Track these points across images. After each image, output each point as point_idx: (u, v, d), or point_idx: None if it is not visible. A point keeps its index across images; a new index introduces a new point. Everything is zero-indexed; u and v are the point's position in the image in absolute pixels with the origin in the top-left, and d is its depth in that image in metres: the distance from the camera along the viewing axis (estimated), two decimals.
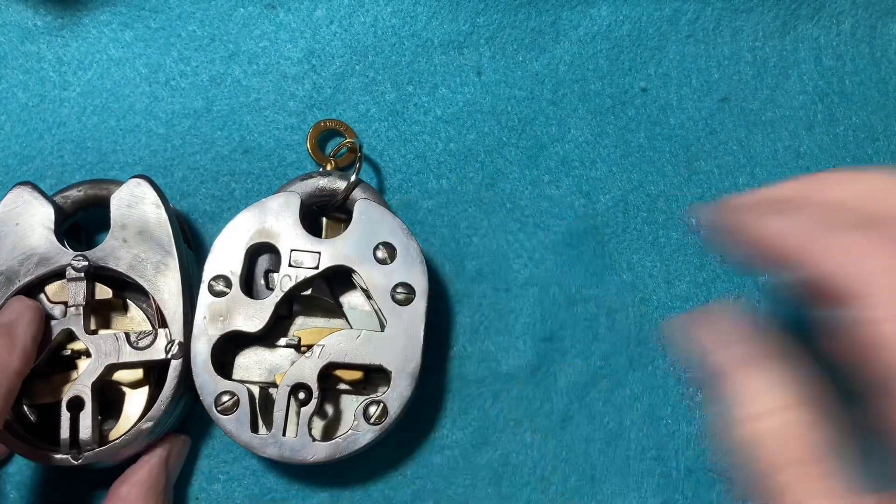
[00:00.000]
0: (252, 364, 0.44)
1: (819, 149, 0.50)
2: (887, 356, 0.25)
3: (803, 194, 0.31)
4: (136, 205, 0.43)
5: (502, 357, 0.47)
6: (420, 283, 0.43)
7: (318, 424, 0.44)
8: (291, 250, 0.43)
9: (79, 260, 0.42)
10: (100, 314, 0.44)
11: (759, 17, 0.51)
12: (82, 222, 0.46)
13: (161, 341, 0.42)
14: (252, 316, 0.43)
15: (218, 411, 0.42)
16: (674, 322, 0.47)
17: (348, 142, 0.47)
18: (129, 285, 0.44)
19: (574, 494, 0.46)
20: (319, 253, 0.43)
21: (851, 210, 0.29)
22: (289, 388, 0.42)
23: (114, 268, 0.43)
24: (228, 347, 0.44)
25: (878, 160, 0.50)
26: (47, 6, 0.49)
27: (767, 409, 0.28)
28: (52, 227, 0.43)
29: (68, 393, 0.41)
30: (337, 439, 0.42)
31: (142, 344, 0.42)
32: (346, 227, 0.44)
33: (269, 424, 0.43)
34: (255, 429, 0.42)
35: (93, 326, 0.43)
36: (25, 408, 0.43)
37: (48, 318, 0.43)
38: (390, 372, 0.42)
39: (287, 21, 0.49)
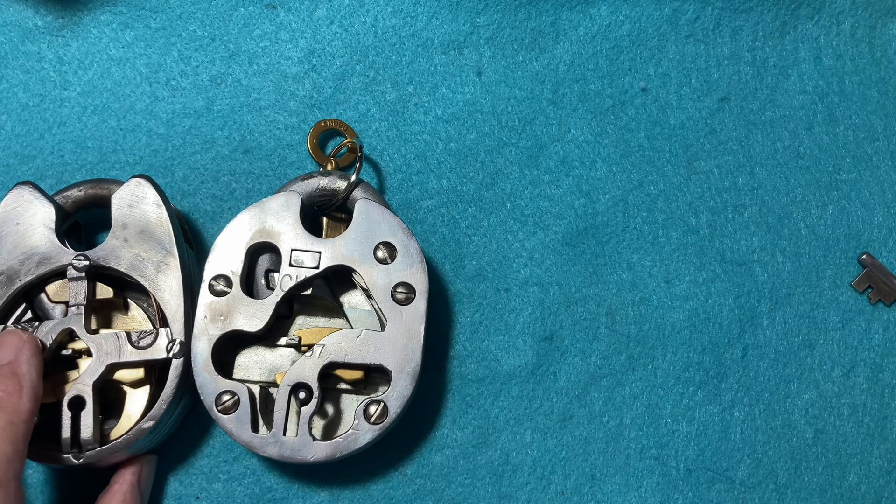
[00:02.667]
0: (252, 363, 0.44)
1: (819, 148, 0.50)
2: None
3: None
4: (137, 204, 0.43)
5: (502, 357, 0.47)
6: (420, 283, 0.43)
7: (319, 424, 0.44)
8: (292, 250, 0.43)
9: (80, 259, 0.42)
10: (101, 313, 0.44)
11: (759, 16, 0.51)
12: (83, 222, 0.46)
13: (162, 340, 0.42)
14: (253, 315, 0.43)
15: (218, 411, 0.42)
16: None
17: (349, 141, 0.47)
18: (130, 285, 0.44)
19: (574, 494, 0.46)
20: (320, 252, 0.43)
21: None
22: (289, 388, 0.42)
23: (115, 267, 0.43)
24: (229, 347, 0.44)
25: (878, 160, 0.50)
26: (48, 6, 0.49)
27: None
28: (53, 226, 0.43)
29: (69, 392, 0.41)
30: (337, 439, 0.42)
31: (143, 343, 0.42)
32: (347, 227, 0.44)
33: (269, 424, 0.43)
34: (255, 428, 0.42)
35: (94, 326, 0.43)
36: None
37: (46, 318, 0.43)
38: (390, 371, 0.42)
39: (287, 21, 0.50)
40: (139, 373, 0.43)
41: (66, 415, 0.41)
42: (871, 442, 0.48)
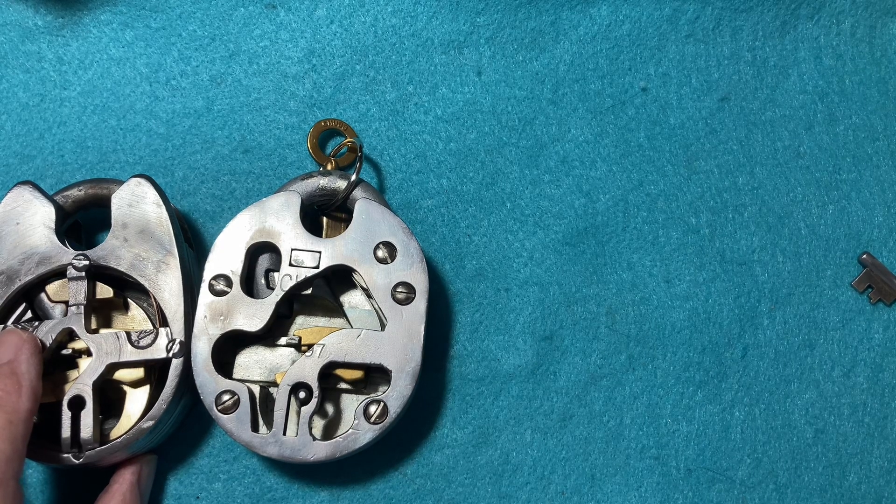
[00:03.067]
0: (252, 363, 0.44)
1: (819, 148, 0.50)
2: None
3: None
4: (137, 204, 0.43)
5: (502, 356, 0.47)
6: (420, 283, 0.43)
7: (319, 423, 0.44)
8: (292, 250, 0.43)
9: (80, 259, 0.42)
10: (101, 313, 0.44)
11: (759, 16, 0.51)
12: (83, 221, 0.46)
13: (162, 340, 0.42)
14: (253, 315, 0.43)
15: (218, 410, 0.42)
16: None
17: (349, 141, 0.47)
18: (130, 284, 0.44)
19: (574, 494, 0.46)
20: (320, 252, 0.43)
21: None
22: (289, 388, 0.42)
23: (115, 267, 0.43)
24: (229, 346, 0.44)
25: (878, 160, 0.50)
26: (48, 6, 0.49)
27: None
28: (53, 226, 0.43)
29: (69, 392, 0.41)
30: (337, 438, 0.42)
31: (143, 343, 0.42)
32: (347, 227, 0.44)
33: (269, 424, 0.43)
34: (255, 428, 0.42)
35: (94, 325, 0.43)
36: None
37: (46, 318, 0.43)
38: (390, 371, 0.42)
39: (287, 21, 0.50)
40: (139, 372, 0.43)
41: (66, 414, 0.41)
42: (872, 442, 0.48)
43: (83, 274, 0.42)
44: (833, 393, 0.48)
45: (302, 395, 0.42)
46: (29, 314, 0.43)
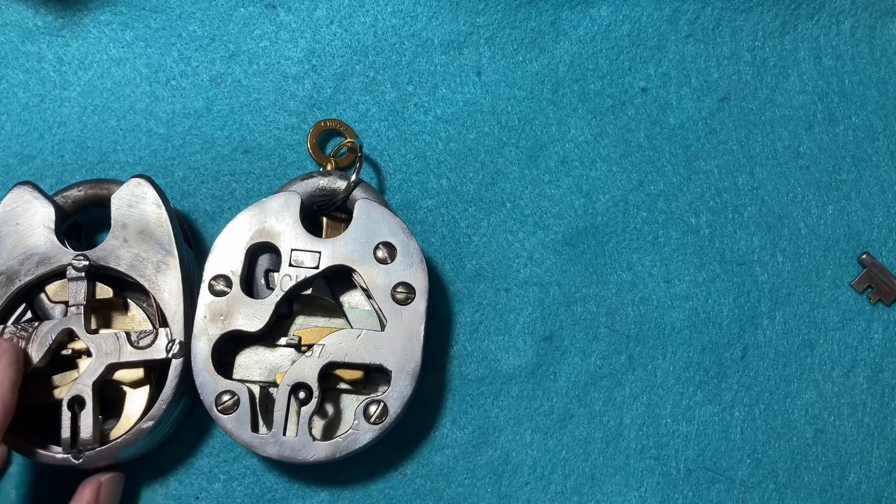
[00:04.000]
0: (252, 363, 0.44)
1: (819, 148, 0.50)
2: None
3: None
4: (137, 204, 0.43)
5: (502, 357, 0.47)
6: (420, 283, 0.43)
7: (319, 424, 0.44)
8: (292, 250, 0.43)
9: (79, 259, 0.42)
10: (100, 313, 0.44)
11: (759, 16, 0.51)
12: (83, 222, 0.46)
13: (162, 340, 0.42)
14: (252, 315, 0.43)
15: (218, 411, 0.42)
16: None
17: (348, 141, 0.47)
18: (130, 285, 0.44)
19: (574, 494, 0.46)
20: (320, 252, 0.43)
21: None
22: (289, 388, 0.42)
23: (114, 267, 0.43)
24: (229, 347, 0.44)
25: (878, 160, 0.50)
26: (48, 6, 0.49)
27: None
28: (53, 226, 0.43)
29: (69, 392, 0.41)
30: (337, 439, 0.42)
31: (142, 343, 0.42)
32: (347, 227, 0.44)
33: (269, 424, 0.43)
34: (255, 428, 0.42)
35: (93, 326, 0.43)
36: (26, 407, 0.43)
37: (46, 318, 0.43)
38: (390, 371, 0.42)
39: (287, 21, 0.50)
40: (139, 373, 0.43)
41: (66, 415, 0.41)
42: (871, 442, 0.48)
43: (83, 274, 0.42)
44: (833, 393, 0.48)
45: (302, 395, 0.42)
46: (29, 314, 0.43)
